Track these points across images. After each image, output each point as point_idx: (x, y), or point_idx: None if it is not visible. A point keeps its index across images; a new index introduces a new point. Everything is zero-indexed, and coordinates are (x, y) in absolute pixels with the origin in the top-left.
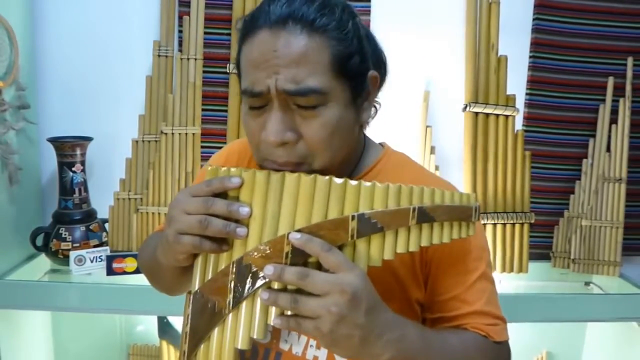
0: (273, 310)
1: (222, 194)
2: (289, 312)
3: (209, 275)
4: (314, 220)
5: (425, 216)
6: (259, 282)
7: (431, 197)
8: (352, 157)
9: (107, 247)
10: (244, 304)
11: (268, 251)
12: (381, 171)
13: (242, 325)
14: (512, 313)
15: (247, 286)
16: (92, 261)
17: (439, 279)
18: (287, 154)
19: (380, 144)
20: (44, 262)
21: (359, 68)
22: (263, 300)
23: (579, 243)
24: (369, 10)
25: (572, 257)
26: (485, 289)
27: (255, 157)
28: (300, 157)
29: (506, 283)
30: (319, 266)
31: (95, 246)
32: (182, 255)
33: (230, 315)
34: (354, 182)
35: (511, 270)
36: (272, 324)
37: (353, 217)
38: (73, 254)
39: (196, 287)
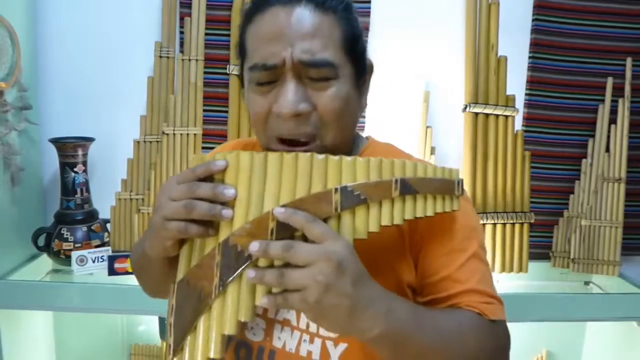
0: (259, 291)
1: (208, 179)
2: (275, 291)
3: (194, 264)
4: (298, 197)
5: (407, 188)
6: (245, 262)
7: (413, 170)
8: (347, 145)
9: (109, 247)
10: (229, 288)
11: (253, 229)
12: None
13: (229, 310)
14: (512, 313)
15: (233, 267)
16: (93, 261)
17: (428, 260)
18: (299, 126)
19: (365, 137)
20: (45, 262)
21: (363, 51)
22: (249, 279)
23: (579, 243)
24: (369, 12)
25: (571, 256)
26: (477, 268)
27: (261, 138)
28: (313, 128)
29: (506, 283)
30: (304, 241)
31: (97, 246)
32: (169, 241)
33: (217, 301)
34: (335, 158)
35: (511, 270)
36: (259, 304)
37: (336, 189)
38: (75, 254)
39: (181, 276)
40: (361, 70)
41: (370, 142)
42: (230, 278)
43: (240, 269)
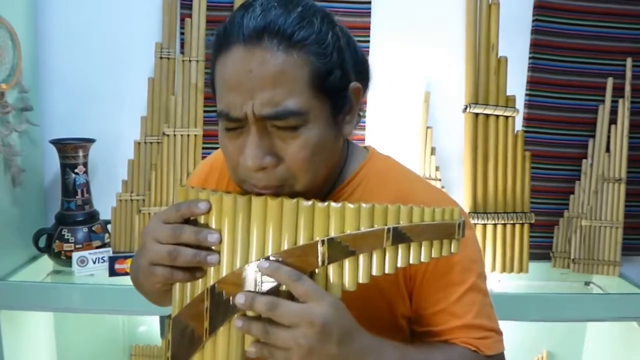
0: (249, 338)
1: (193, 219)
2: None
3: (187, 299)
4: (285, 244)
5: (401, 237)
6: (233, 309)
7: (409, 215)
8: (335, 170)
9: (110, 248)
10: (220, 331)
11: (239, 278)
12: (364, 179)
13: (219, 352)
14: (512, 313)
15: (222, 313)
16: (94, 262)
17: (424, 292)
18: (267, 177)
19: (365, 147)
20: (46, 263)
21: (340, 83)
22: (237, 328)
23: (579, 243)
24: (370, 12)
25: (572, 257)
26: (475, 301)
27: (233, 179)
28: (280, 180)
29: (506, 283)
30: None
31: (97, 247)
32: (157, 284)
33: (208, 342)
34: (322, 204)
35: (511, 270)
36: (247, 351)
37: (323, 242)
38: (75, 255)
39: (176, 312)
40: (340, 102)
41: (370, 155)
42: (219, 323)
43: (229, 315)
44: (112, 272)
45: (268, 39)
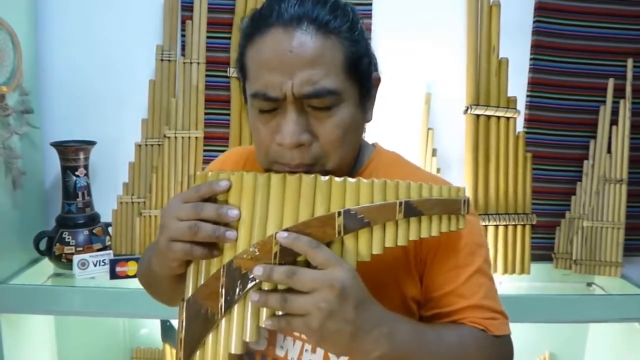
0: (264, 313)
1: (212, 199)
2: (279, 313)
3: (202, 282)
4: (302, 219)
5: (412, 210)
6: (249, 284)
7: (418, 191)
8: (355, 157)
9: (110, 251)
10: (235, 308)
11: (257, 252)
12: (374, 171)
13: (234, 330)
14: (514, 314)
15: (238, 289)
16: (95, 265)
17: (433, 274)
18: (301, 155)
19: (372, 144)
20: (47, 266)
21: (367, 70)
22: (254, 302)
23: (581, 244)
24: (371, 13)
25: (573, 258)
26: (482, 283)
27: (263, 162)
28: (313, 158)
29: (508, 284)
30: (308, 265)
31: (98, 250)
32: (174, 262)
33: (223, 320)
34: (339, 179)
35: (513, 271)
36: (263, 325)
37: (339, 213)
38: (76, 258)
39: (189, 294)
40: (366, 87)
41: (377, 151)
42: (235, 299)
43: (245, 291)
44: (113, 275)
45: (307, 24)
